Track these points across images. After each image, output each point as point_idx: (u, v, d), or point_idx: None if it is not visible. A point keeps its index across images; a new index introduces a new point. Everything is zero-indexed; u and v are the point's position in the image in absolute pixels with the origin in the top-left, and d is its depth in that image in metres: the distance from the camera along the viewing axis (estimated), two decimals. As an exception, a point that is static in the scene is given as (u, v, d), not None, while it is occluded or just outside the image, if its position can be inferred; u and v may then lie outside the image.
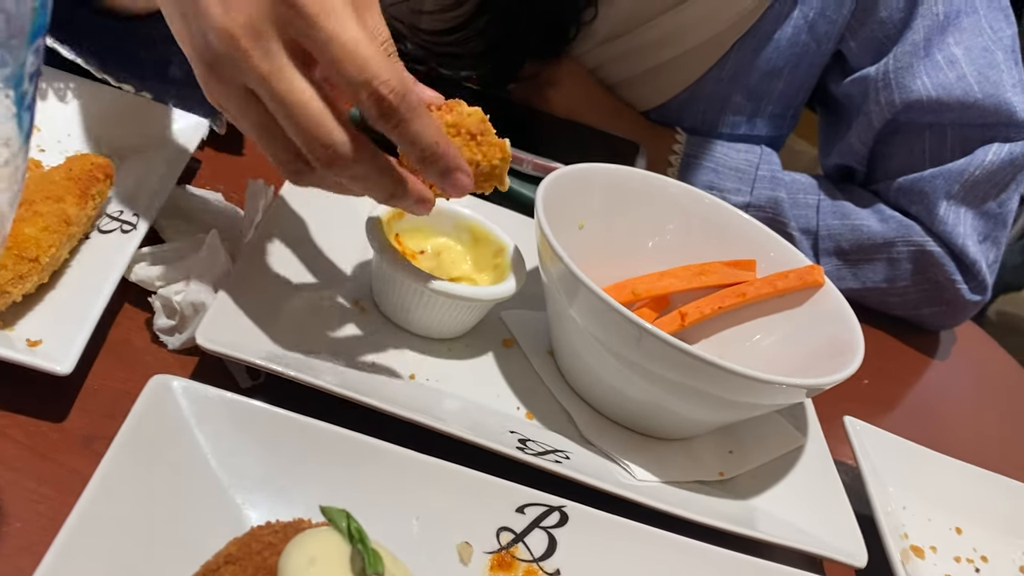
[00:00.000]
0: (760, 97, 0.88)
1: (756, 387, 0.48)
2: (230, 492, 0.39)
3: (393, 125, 0.41)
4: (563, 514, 0.44)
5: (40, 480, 0.40)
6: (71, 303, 0.45)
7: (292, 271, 0.54)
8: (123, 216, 0.51)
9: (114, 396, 0.45)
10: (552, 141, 0.77)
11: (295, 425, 0.42)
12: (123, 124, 0.59)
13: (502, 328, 0.59)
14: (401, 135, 0.41)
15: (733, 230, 0.63)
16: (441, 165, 0.43)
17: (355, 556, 0.31)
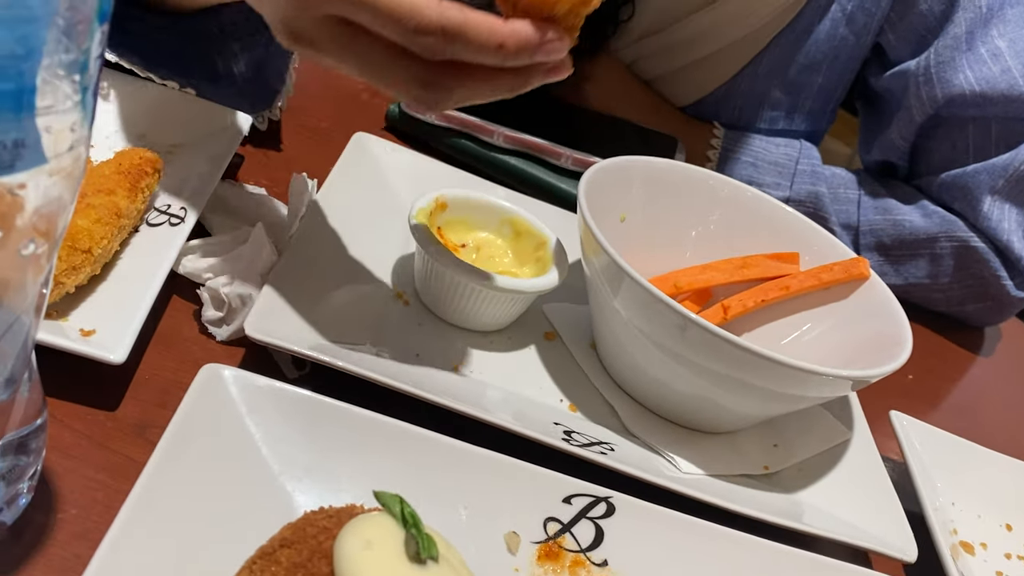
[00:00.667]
0: (798, 92, 0.87)
1: (802, 378, 0.48)
2: (280, 479, 0.40)
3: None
4: (610, 505, 0.44)
5: (96, 467, 0.40)
6: (123, 294, 0.45)
7: (336, 264, 0.54)
8: (171, 210, 0.52)
9: (165, 385, 0.45)
10: (590, 136, 0.77)
11: (343, 414, 0.42)
12: (168, 120, 0.60)
13: (544, 321, 0.59)
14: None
15: (776, 223, 0.63)
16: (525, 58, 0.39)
17: (409, 540, 0.31)
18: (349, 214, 0.58)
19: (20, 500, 0.37)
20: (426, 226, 0.54)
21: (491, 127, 0.73)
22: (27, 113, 0.24)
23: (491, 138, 0.74)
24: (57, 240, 0.30)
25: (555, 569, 0.42)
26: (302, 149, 0.69)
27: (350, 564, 0.29)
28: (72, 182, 0.28)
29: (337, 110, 0.77)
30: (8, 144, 0.24)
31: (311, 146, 0.70)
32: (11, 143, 0.24)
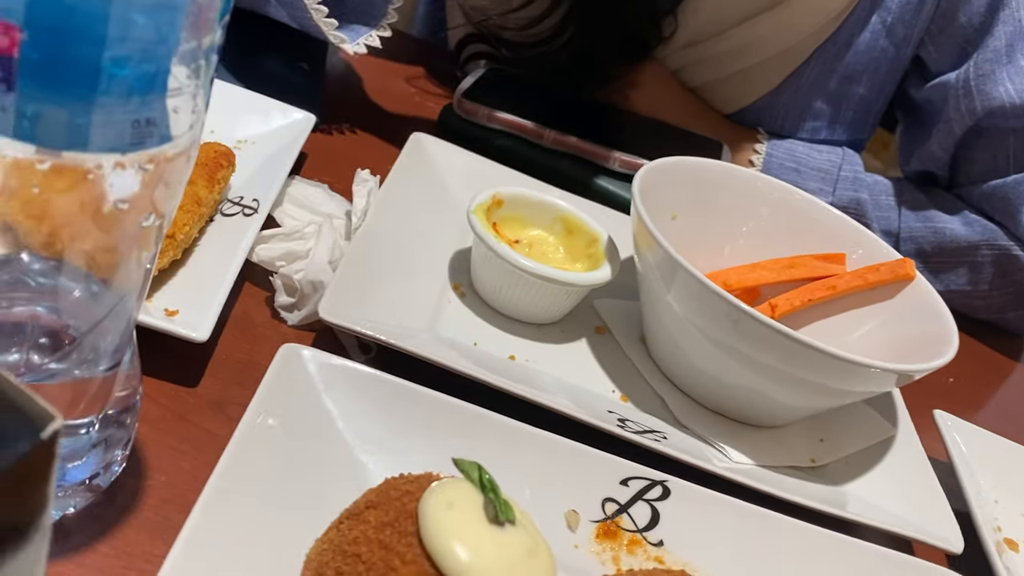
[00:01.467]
0: (840, 102, 0.88)
1: (849, 370, 0.49)
2: (355, 452, 0.42)
3: None
4: (665, 488, 0.45)
5: (180, 439, 0.42)
6: (202, 278, 0.48)
7: (398, 256, 0.57)
8: (243, 201, 0.54)
9: (240, 366, 0.48)
10: (637, 139, 0.79)
11: (412, 394, 0.44)
12: (236, 117, 0.63)
13: (594, 316, 0.61)
14: None
15: (823, 224, 0.64)
16: None
17: (487, 504, 0.33)
18: (409, 210, 0.61)
19: (114, 467, 0.39)
20: (484, 220, 0.56)
21: (541, 129, 0.75)
22: (160, 94, 0.27)
23: (540, 140, 0.76)
24: (168, 217, 0.32)
25: (612, 547, 0.44)
26: (360, 149, 0.72)
27: (435, 523, 0.31)
28: (186, 163, 0.31)
29: (390, 112, 0.80)
30: (143, 122, 0.27)
31: (368, 146, 0.73)
32: (145, 121, 0.27)
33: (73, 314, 0.36)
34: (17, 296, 0.36)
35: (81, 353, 0.37)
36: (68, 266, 0.34)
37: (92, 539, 0.37)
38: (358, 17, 0.71)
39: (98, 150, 0.26)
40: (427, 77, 0.88)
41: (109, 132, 0.26)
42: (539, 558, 0.33)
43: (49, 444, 0.20)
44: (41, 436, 0.20)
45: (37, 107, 0.25)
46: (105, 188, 0.28)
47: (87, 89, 0.25)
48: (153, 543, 0.38)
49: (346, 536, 0.32)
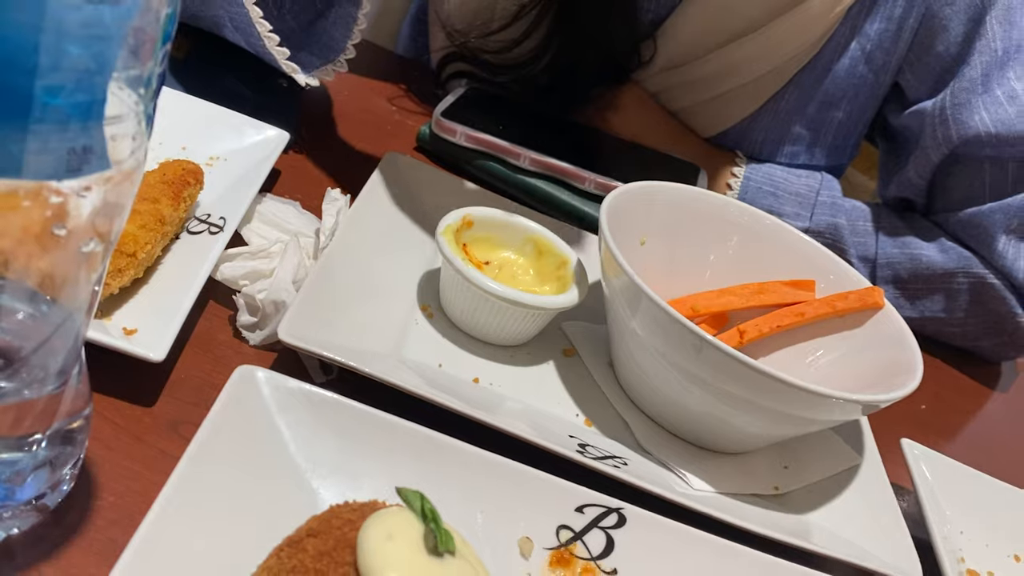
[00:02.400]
0: (819, 127, 0.89)
1: (813, 400, 0.49)
2: (307, 476, 0.42)
3: None
4: (621, 516, 0.45)
5: (132, 459, 0.42)
6: (163, 297, 0.48)
7: (365, 276, 0.57)
8: (210, 219, 0.54)
9: (199, 385, 0.47)
10: (613, 161, 0.79)
11: (368, 418, 0.44)
12: (207, 133, 0.63)
13: (563, 338, 0.61)
14: None
15: (793, 251, 0.64)
16: None
17: (428, 535, 0.33)
18: (379, 229, 0.61)
19: (63, 486, 0.39)
20: (452, 241, 0.56)
21: (518, 150, 0.76)
22: (96, 122, 0.27)
23: (518, 161, 0.76)
24: (113, 241, 0.32)
25: (566, 574, 0.43)
26: (335, 167, 0.72)
27: (373, 554, 0.31)
28: (130, 188, 0.31)
29: (369, 130, 0.80)
30: (78, 150, 0.27)
31: (343, 164, 0.73)
32: (81, 149, 0.27)
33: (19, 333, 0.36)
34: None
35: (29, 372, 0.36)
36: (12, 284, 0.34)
37: (37, 560, 0.37)
38: (317, 50, 0.71)
39: (33, 177, 0.26)
40: (408, 96, 0.88)
41: (44, 159, 0.26)
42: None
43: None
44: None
45: (-31, 134, 0.25)
46: (44, 213, 0.28)
47: (19, 117, 0.25)
48: (98, 566, 0.37)
49: (284, 564, 0.32)
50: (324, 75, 0.70)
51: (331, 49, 0.70)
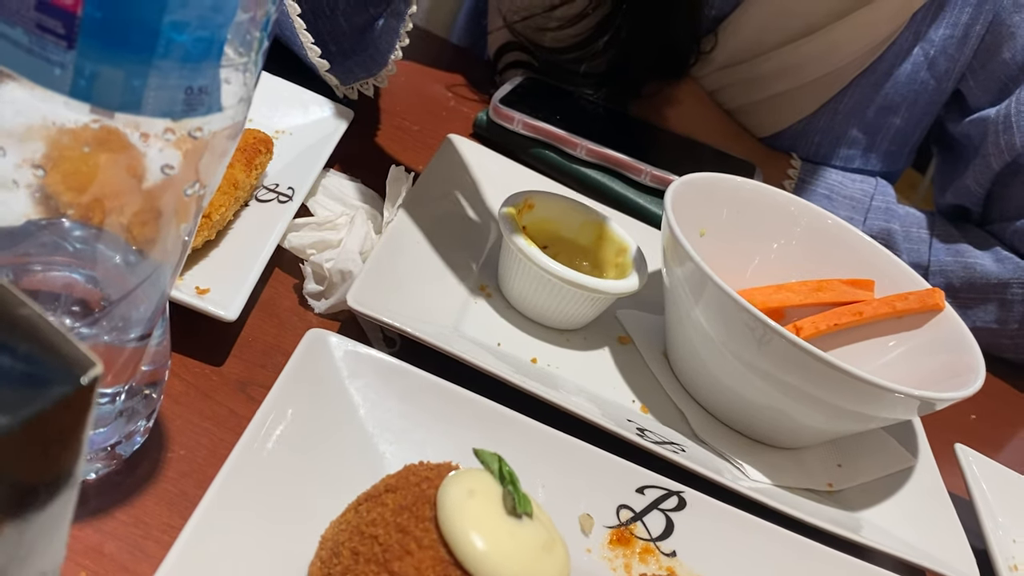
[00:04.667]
0: (876, 132, 0.88)
1: (874, 394, 0.49)
2: (374, 440, 0.42)
3: None
4: (681, 499, 0.45)
5: (202, 416, 0.43)
6: (234, 259, 0.48)
7: (427, 253, 0.57)
8: (279, 188, 0.55)
9: (265, 349, 0.48)
10: (670, 156, 0.79)
11: (435, 387, 0.44)
12: (278, 108, 0.63)
13: (618, 326, 0.61)
14: None
15: (853, 249, 0.64)
16: None
17: (506, 496, 0.33)
18: (440, 208, 0.61)
19: (136, 437, 0.39)
20: (514, 222, 0.56)
21: (575, 140, 0.76)
22: (214, 63, 0.27)
23: (574, 150, 0.76)
24: (210, 189, 0.33)
25: (625, 554, 0.43)
26: (395, 148, 0.72)
27: (454, 510, 0.31)
28: (233, 136, 0.31)
29: (427, 114, 0.80)
30: (195, 89, 0.27)
31: (403, 146, 0.73)
32: (197, 89, 0.27)
33: (107, 282, 0.36)
34: (54, 261, 0.37)
35: (111, 320, 0.37)
36: (107, 234, 0.35)
37: (111, 506, 0.37)
38: (362, 60, 0.71)
39: (151, 114, 0.27)
40: (464, 83, 0.89)
41: (163, 96, 0.26)
42: (554, 554, 0.33)
43: (88, 390, 0.20)
44: (81, 381, 0.20)
45: (95, 66, 0.25)
46: (154, 153, 0.29)
47: (145, 51, 0.25)
48: (170, 514, 0.38)
49: (364, 518, 0.32)
50: (364, 89, 0.70)
51: (375, 63, 0.70)
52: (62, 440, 0.21)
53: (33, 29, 0.25)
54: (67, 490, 0.22)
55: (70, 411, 0.20)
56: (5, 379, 0.20)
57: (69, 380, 0.20)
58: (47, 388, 0.20)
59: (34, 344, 0.20)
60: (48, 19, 0.24)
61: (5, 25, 0.25)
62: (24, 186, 0.32)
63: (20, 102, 0.27)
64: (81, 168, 0.32)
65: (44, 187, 0.33)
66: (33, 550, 0.22)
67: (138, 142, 0.28)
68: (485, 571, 0.30)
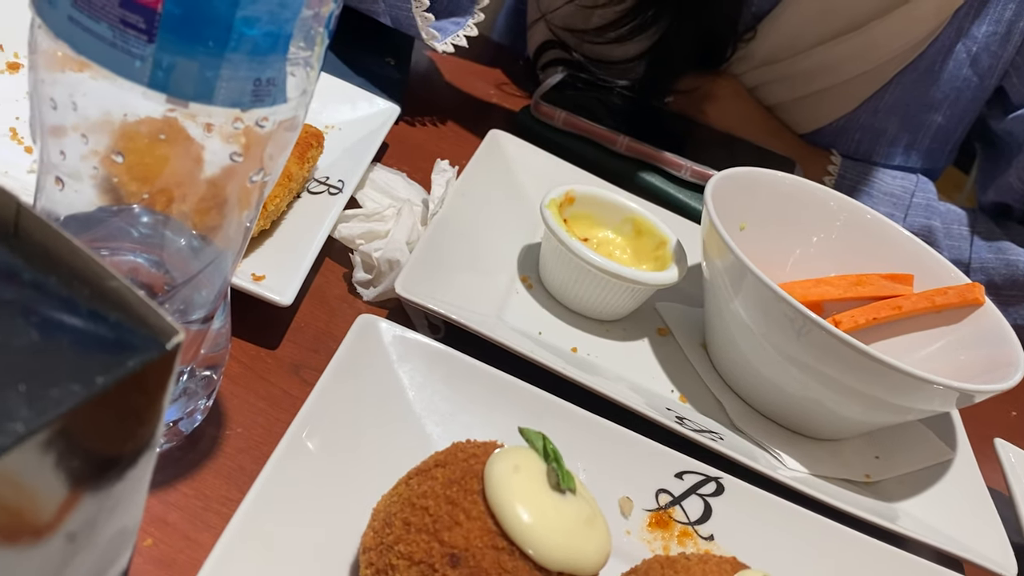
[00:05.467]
0: (917, 129, 0.88)
1: (911, 385, 0.49)
2: (422, 422, 0.43)
3: None
4: (719, 485, 0.46)
5: (258, 396, 0.45)
6: (288, 248, 0.50)
7: (470, 245, 0.58)
8: (329, 181, 0.57)
9: (317, 334, 0.50)
10: (710, 151, 0.80)
11: (479, 372, 0.46)
12: (327, 104, 0.65)
13: (657, 318, 0.62)
14: None
15: (892, 244, 0.64)
16: None
17: (550, 472, 0.34)
18: (483, 202, 0.62)
19: (197, 415, 0.41)
20: (556, 215, 0.58)
21: (615, 135, 0.77)
22: (281, 55, 0.29)
23: (614, 146, 0.77)
24: (273, 177, 0.34)
25: (664, 536, 0.44)
26: (439, 143, 0.74)
27: (500, 484, 0.33)
28: (295, 126, 0.33)
29: (470, 110, 0.82)
30: (263, 81, 0.29)
31: (447, 141, 0.75)
32: (265, 80, 0.29)
33: (172, 266, 0.38)
34: (122, 246, 0.39)
35: (174, 303, 0.39)
36: (173, 221, 0.37)
37: (173, 479, 0.39)
38: (444, 20, 0.73)
39: (222, 103, 0.29)
40: (505, 80, 0.90)
41: (233, 87, 0.28)
42: (596, 528, 0.34)
43: (171, 355, 0.22)
44: (166, 346, 0.22)
45: (172, 59, 0.27)
46: (221, 141, 0.30)
47: (218, 45, 0.27)
48: (229, 488, 0.40)
49: (415, 490, 0.34)
50: (458, 40, 0.72)
51: (458, 19, 0.72)
52: (148, 398, 0.23)
53: (117, 24, 0.27)
54: (150, 449, 0.24)
55: (156, 373, 0.22)
56: (99, 344, 0.21)
57: (155, 346, 0.22)
58: (136, 353, 0.22)
59: (123, 313, 0.22)
60: (131, 15, 0.26)
61: (91, 21, 0.27)
62: (98, 174, 0.34)
63: (99, 93, 0.29)
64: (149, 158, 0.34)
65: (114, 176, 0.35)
66: (119, 503, 0.24)
67: (205, 132, 0.30)
68: (530, 541, 0.31)
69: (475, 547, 0.31)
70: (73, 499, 0.23)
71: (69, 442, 0.21)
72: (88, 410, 0.20)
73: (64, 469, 0.21)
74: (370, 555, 0.33)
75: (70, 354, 0.21)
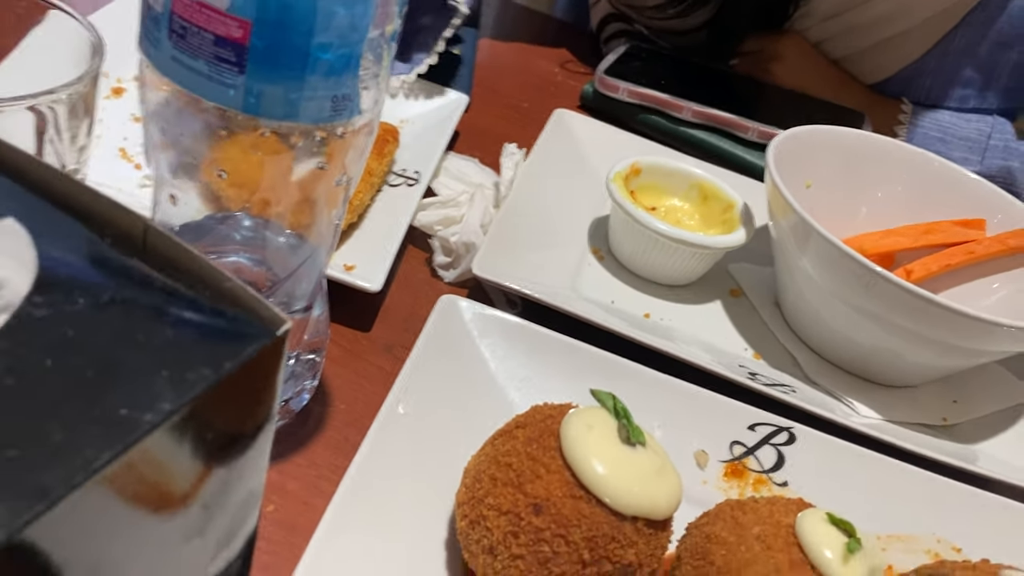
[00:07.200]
0: (992, 69, 0.86)
1: (983, 329, 0.50)
2: (505, 390, 0.47)
3: None
4: (791, 434, 0.48)
5: (357, 374, 0.49)
6: (374, 238, 0.55)
7: (542, 222, 0.62)
8: (406, 173, 0.61)
9: (405, 316, 0.54)
10: (777, 111, 0.81)
11: (555, 342, 0.49)
12: (400, 99, 0.69)
13: (729, 279, 0.64)
14: None
15: (962, 191, 0.64)
16: None
17: (621, 428, 0.37)
18: (551, 180, 0.66)
19: (304, 395, 0.46)
20: (622, 187, 0.60)
21: (680, 103, 0.78)
22: (353, 73, 0.32)
23: (680, 113, 0.79)
24: (355, 179, 0.38)
25: (739, 484, 0.47)
26: (507, 126, 0.77)
27: (576, 440, 0.36)
28: (371, 132, 0.37)
29: (536, 91, 0.85)
30: (340, 97, 0.33)
31: (514, 123, 0.78)
32: (342, 97, 0.33)
33: (273, 263, 0.43)
34: (226, 249, 0.44)
35: (277, 297, 0.44)
36: (272, 224, 0.41)
37: (288, 452, 0.44)
38: None
39: (305, 121, 0.32)
40: (569, 57, 0.93)
41: (314, 105, 0.32)
42: (667, 477, 0.37)
43: (280, 341, 0.26)
44: (276, 333, 0.26)
45: (261, 86, 0.31)
46: (308, 152, 0.34)
47: (299, 70, 0.31)
48: (337, 457, 0.44)
49: (499, 449, 0.38)
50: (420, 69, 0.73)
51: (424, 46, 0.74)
52: (264, 380, 0.27)
53: (212, 60, 0.31)
54: (268, 424, 0.29)
55: (269, 357, 0.26)
56: (222, 336, 0.26)
57: (267, 334, 0.26)
58: (252, 341, 0.26)
59: (239, 308, 0.26)
60: (223, 51, 0.30)
61: (190, 58, 0.31)
62: (204, 188, 0.38)
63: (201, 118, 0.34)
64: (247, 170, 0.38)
65: (218, 188, 0.39)
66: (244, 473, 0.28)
67: (293, 145, 0.34)
68: (606, 491, 0.35)
69: (555, 496, 0.35)
70: (206, 473, 0.27)
71: (200, 421, 0.25)
72: (217, 392, 0.25)
73: (198, 446, 0.26)
74: (464, 508, 0.37)
75: (200, 345, 0.25)
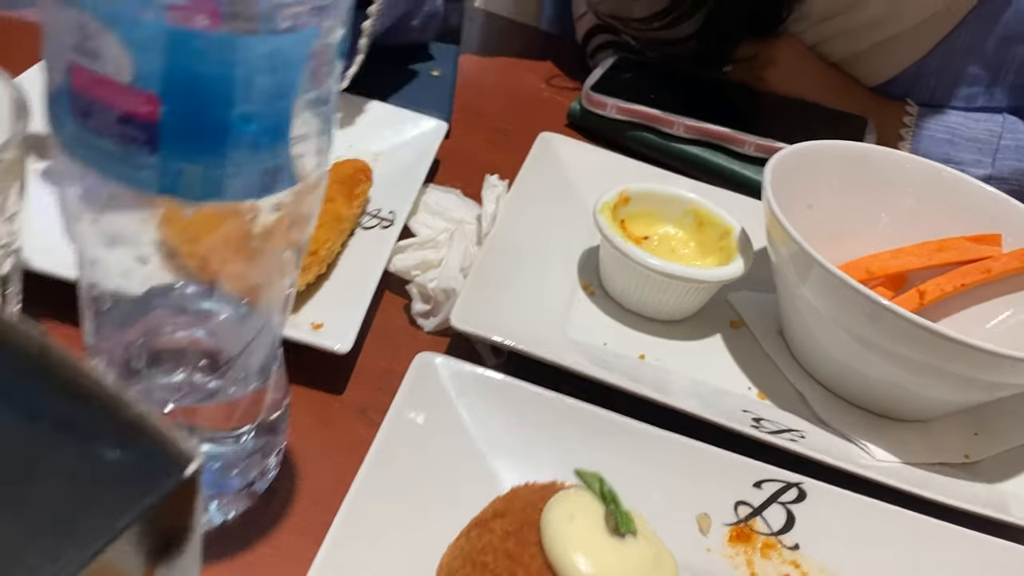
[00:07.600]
0: (999, 66, 0.82)
1: (998, 363, 0.46)
2: (487, 458, 0.43)
3: None
4: (801, 490, 0.45)
5: (327, 444, 0.46)
6: (345, 291, 0.51)
7: (528, 258, 0.58)
8: (380, 213, 0.57)
9: (381, 373, 0.50)
10: (773, 120, 0.77)
11: (540, 399, 0.45)
12: (372, 130, 0.66)
13: (729, 310, 0.60)
14: None
15: (975, 204, 0.60)
16: None
17: (609, 516, 0.34)
18: (538, 211, 0.62)
19: (269, 473, 0.43)
20: (610, 219, 0.56)
21: (671, 118, 0.74)
22: (283, 143, 0.29)
23: (672, 129, 0.75)
24: (303, 246, 0.35)
25: (746, 550, 0.43)
26: (490, 151, 0.73)
27: (556, 535, 0.32)
28: (316, 198, 0.33)
29: (521, 110, 0.81)
30: (270, 170, 0.29)
31: (498, 147, 0.74)
32: (272, 169, 0.29)
33: (225, 337, 0.39)
34: (179, 322, 0.40)
35: (235, 371, 0.40)
36: (219, 291, 0.38)
37: (251, 540, 0.40)
38: None
39: (232, 198, 0.29)
40: (556, 71, 0.89)
41: (240, 181, 0.28)
42: (662, 568, 0.33)
43: (191, 482, 0.23)
44: (184, 474, 0.22)
45: (177, 165, 0.27)
46: (243, 229, 0.31)
47: (219, 145, 0.27)
48: (305, 542, 0.41)
49: (475, 545, 0.34)
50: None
51: None
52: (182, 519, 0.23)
53: (120, 139, 0.27)
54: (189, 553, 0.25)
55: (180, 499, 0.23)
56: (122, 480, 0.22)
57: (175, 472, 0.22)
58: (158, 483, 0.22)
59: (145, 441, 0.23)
60: (131, 130, 0.27)
61: (95, 137, 0.27)
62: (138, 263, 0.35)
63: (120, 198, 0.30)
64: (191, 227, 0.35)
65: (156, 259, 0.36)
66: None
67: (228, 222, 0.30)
68: (592, 592, 0.31)
69: (536, 603, 0.31)
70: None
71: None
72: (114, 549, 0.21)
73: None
74: (437, 612, 0.34)
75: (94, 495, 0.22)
